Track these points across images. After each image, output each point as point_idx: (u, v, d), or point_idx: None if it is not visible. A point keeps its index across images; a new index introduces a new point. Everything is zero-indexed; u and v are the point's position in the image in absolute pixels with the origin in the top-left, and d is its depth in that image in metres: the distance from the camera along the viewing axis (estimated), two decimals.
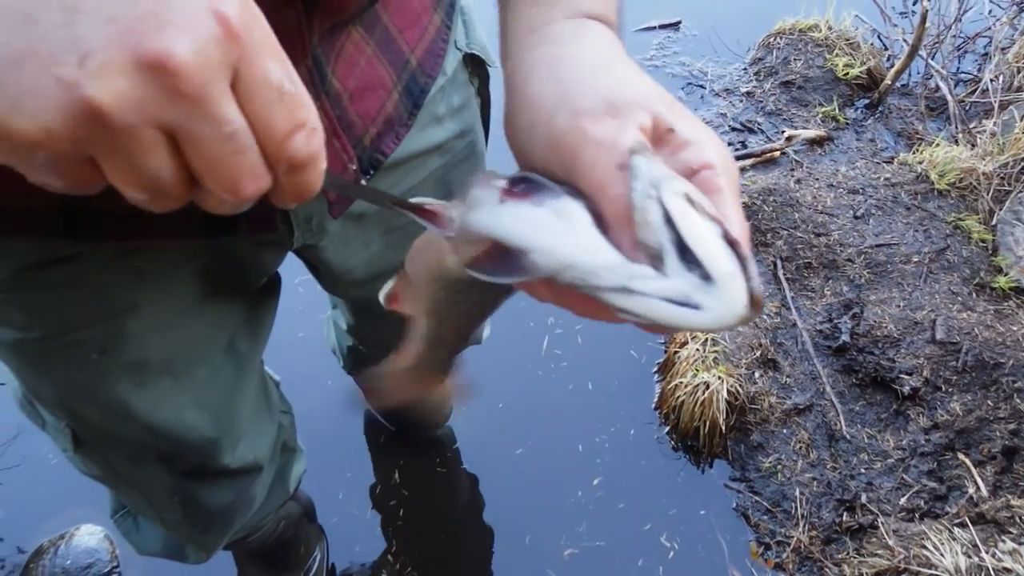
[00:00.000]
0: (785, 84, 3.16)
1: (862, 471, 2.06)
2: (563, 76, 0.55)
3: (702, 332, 0.46)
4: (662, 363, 2.36)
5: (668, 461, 2.19)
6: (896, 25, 3.39)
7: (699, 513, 2.09)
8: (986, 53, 3.34)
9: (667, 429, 2.23)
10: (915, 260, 2.42)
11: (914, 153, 2.81)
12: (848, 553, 1.93)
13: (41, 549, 1.99)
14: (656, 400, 2.29)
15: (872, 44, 3.35)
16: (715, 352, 2.20)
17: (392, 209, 0.55)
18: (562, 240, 0.47)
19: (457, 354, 0.71)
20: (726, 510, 2.09)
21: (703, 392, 2.11)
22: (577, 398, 2.32)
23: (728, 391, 2.11)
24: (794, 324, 2.32)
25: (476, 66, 1.05)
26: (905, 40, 3.19)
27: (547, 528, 2.05)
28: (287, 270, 1.09)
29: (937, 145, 2.78)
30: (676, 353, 2.26)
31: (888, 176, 2.70)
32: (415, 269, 0.61)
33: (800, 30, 3.31)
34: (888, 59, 3.34)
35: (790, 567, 1.95)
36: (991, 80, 3.03)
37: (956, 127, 2.94)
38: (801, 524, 2.00)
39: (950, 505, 1.98)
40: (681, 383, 2.16)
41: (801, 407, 2.17)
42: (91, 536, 2.01)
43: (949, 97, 3.00)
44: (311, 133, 0.43)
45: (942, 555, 1.78)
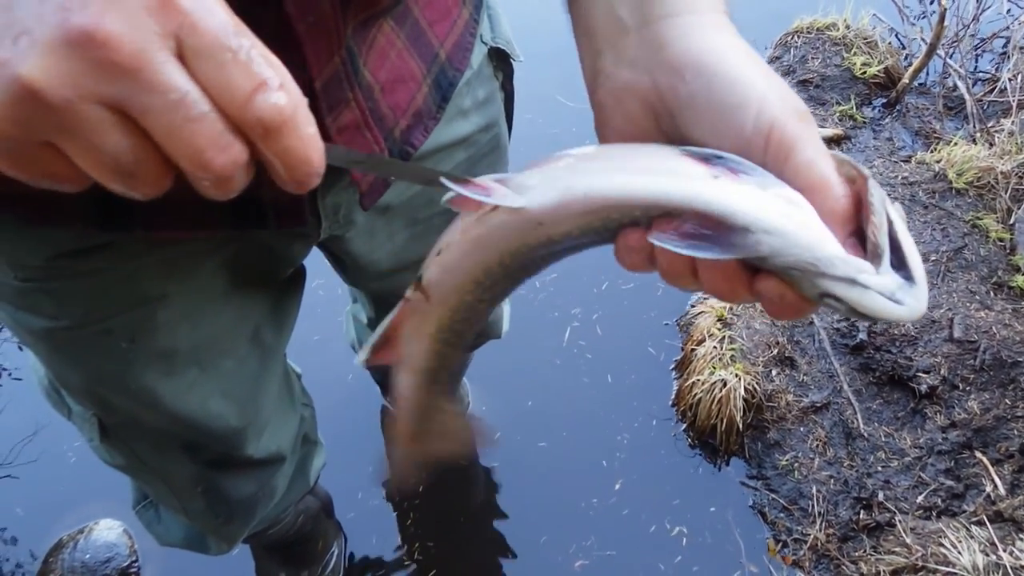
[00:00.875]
0: (803, 83, 3.16)
1: (879, 469, 2.06)
2: (761, 70, 0.56)
3: (889, 321, 0.51)
4: (679, 360, 2.36)
5: (685, 458, 2.19)
6: (914, 24, 3.38)
7: (716, 510, 2.09)
8: (1004, 52, 3.32)
9: (684, 426, 2.23)
10: (933, 259, 2.41)
11: (932, 152, 2.80)
12: (865, 551, 1.93)
13: (60, 543, 2.01)
14: (673, 397, 2.30)
15: (890, 43, 3.33)
16: (732, 350, 2.20)
17: (427, 183, 0.55)
18: (802, 227, 0.50)
19: (457, 380, 0.71)
20: (743, 508, 2.09)
21: (720, 390, 2.11)
22: (595, 394, 2.32)
23: (745, 389, 2.11)
24: (811, 322, 2.32)
25: (501, 60, 1.06)
26: (923, 39, 3.17)
27: (565, 525, 2.06)
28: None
29: (955, 144, 2.77)
30: (693, 351, 2.26)
31: (906, 175, 2.69)
32: (468, 248, 0.58)
33: (818, 29, 3.30)
34: (906, 58, 3.33)
35: (807, 565, 1.95)
36: (1009, 79, 3.02)
37: (974, 126, 2.93)
38: (818, 522, 2.00)
39: (967, 503, 1.98)
40: (698, 380, 2.16)
41: (818, 405, 2.17)
42: (110, 531, 2.03)
43: (967, 96, 2.99)
44: (278, 90, 0.41)
45: (959, 553, 1.77)
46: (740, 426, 2.13)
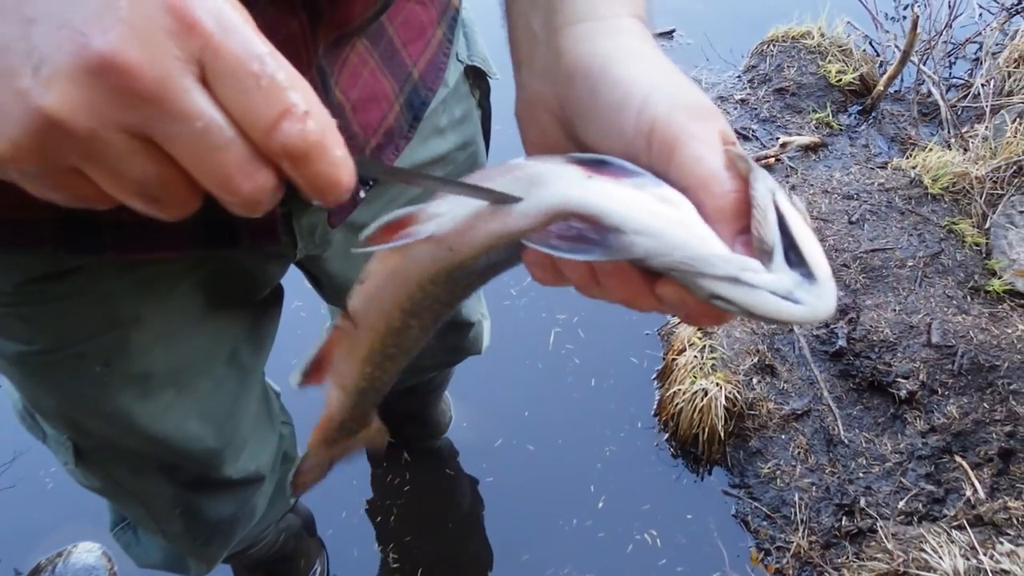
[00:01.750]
0: (779, 91, 3.18)
1: (860, 475, 2.07)
2: (651, 69, 0.55)
3: (790, 324, 0.48)
4: (660, 370, 2.36)
5: (667, 468, 2.19)
6: (888, 31, 3.41)
7: (699, 519, 2.09)
8: (977, 58, 3.36)
9: (666, 436, 2.23)
10: (910, 264, 2.43)
11: (907, 158, 2.82)
12: (848, 557, 1.93)
13: (39, 567, 1.98)
14: (655, 407, 2.30)
15: (864, 50, 3.36)
16: (713, 359, 2.21)
17: (447, 190, 0.55)
18: (673, 226, 0.48)
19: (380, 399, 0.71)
20: (726, 516, 2.09)
21: (701, 399, 2.12)
22: (578, 405, 2.32)
23: (726, 397, 2.12)
24: (791, 330, 2.33)
25: (477, 78, 1.05)
26: (897, 46, 3.20)
27: (546, 537, 2.05)
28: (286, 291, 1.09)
29: (930, 150, 2.80)
30: (674, 360, 2.27)
31: (882, 181, 2.71)
32: (387, 277, 0.59)
33: (793, 37, 3.33)
34: (880, 65, 3.36)
35: (790, 572, 1.95)
36: (982, 85, 3.05)
37: (949, 132, 2.96)
38: (801, 529, 2.00)
39: (948, 508, 1.99)
40: (680, 390, 2.16)
41: (799, 412, 2.18)
42: (89, 553, 2.00)
43: (941, 102, 3.02)
44: (303, 118, 0.39)
45: (941, 558, 1.78)
46: (722, 435, 2.13)
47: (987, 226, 2.54)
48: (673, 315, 0.52)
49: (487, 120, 1.12)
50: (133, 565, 1.46)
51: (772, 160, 2.89)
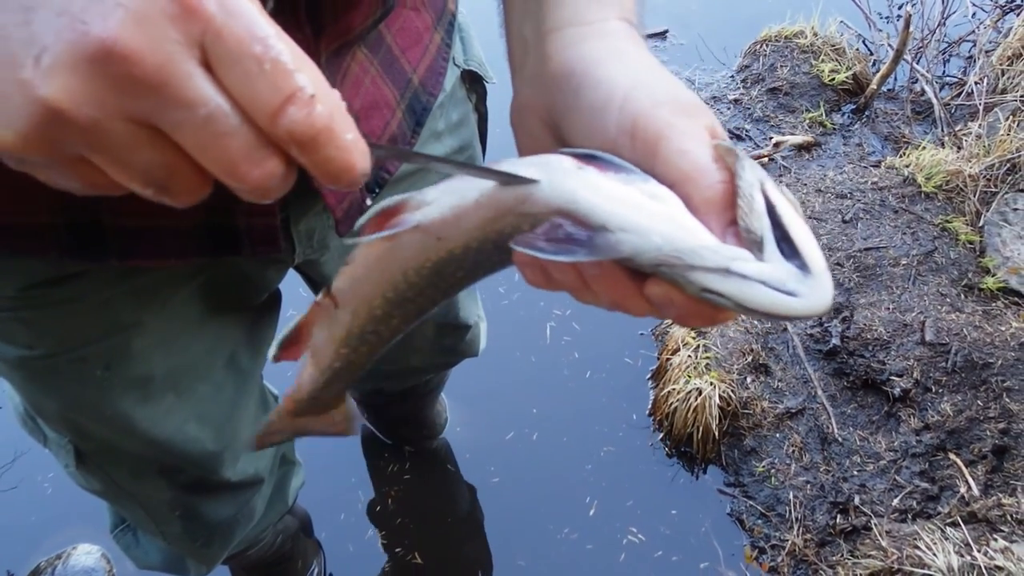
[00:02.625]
0: (772, 91, 3.19)
1: (855, 473, 2.08)
2: (633, 68, 0.55)
3: (785, 318, 0.46)
4: (655, 370, 2.37)
5: (662, 468, 2.20)
6: (881, 30, 3.42)
7: (694, 518, 2.10)
8: (970, 56, 3.37)
9: (661, 436, 2.24)
10: (903, 263, 2.44)
11: (901, 157, 2.83)
12: (842, 555, 1.95)
13: (38, 569, 1.99)
14: (650, 407, 2.31)
15: (857, 49, 3.37)
16: (707, 358, 2.22)
17: (467, 174, 0.55)
18: (661, 221, 0.47)
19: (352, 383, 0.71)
20: (720, 515, 2.10)
21: (696, 398, 2.13)
22: (572, 405, 2.33)
23: (720, 397, 2.13)
24: (785, 328, 2.34)
25: (473, 82, 1.06)
26: (890, 45, 3.21)
27: (542, 537, 2.06)
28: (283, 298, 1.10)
29: (923, 148, 2.81)
30: (668, 360, 2.27)
31: (875, 180, 2.72)
32: (373, 262, 0.58)
33: (786, 37, 3.33)
34: (874, 64, 3.37)
35: (785, 571, 1.96)
36: (976, 83, 3.06)
37: (942, 130, 2.97)
38: (795, 527, 2.01)
39: (942, 505, 2.00)
40: (674, 390, 2.17)
41: (793, 411, 2.19)
42: (88, 555, 2.01)
43: (935, 100, 3.03)
44: (309, 102, 0.38)
45: (935, 555, 1.79)
46: (716, 434, 2.14)
47: (981, 224, 2.55)
48: (664, 317, 0.52)
49: (484, 124, 1.13)
50: (132, 567, 1.47)
51: (766, 160, 2.90)
